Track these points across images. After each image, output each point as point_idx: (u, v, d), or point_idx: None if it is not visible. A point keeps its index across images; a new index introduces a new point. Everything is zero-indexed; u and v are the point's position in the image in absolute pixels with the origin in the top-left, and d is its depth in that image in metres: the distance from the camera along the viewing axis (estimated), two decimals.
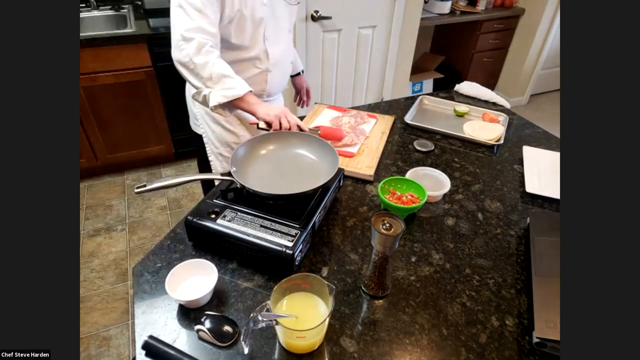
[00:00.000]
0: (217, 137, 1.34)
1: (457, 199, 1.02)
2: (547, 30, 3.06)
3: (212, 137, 1.35)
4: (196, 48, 0.99)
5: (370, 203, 0.99)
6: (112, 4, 2.34)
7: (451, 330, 0.70)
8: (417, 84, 3.16)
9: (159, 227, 2.12)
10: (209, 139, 1.36)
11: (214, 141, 1.35)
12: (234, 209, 0.83)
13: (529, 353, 0.67)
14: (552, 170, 1.11)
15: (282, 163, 0.96)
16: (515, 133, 1.33)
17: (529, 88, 3.43)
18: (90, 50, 1.94)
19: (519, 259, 0.85)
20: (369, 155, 1.14)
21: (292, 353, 0.65)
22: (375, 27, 2.41)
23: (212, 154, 1.38)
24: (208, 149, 1.38)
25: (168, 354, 0.62)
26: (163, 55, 2.10)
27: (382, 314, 0.73)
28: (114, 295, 1.76)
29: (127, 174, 2.50)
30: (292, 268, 0.76)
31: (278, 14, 1.19)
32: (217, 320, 0.67)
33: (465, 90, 1.57)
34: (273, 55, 1.21)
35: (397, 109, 1.45)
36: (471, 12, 2.93)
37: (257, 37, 1.16)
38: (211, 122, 1.32)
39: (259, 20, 1.13)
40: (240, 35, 1.12)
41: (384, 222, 0.67)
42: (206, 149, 1.39)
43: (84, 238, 2.04)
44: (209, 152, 1.39)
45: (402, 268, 0.82)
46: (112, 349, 1.56)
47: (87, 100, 2.09)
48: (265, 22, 1.14)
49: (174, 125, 2.40)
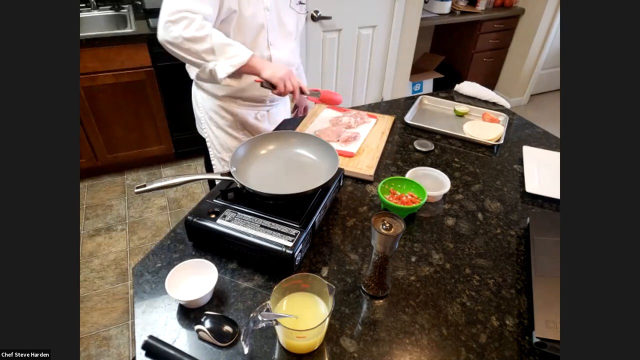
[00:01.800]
0: (219, 142, 1.34)
1: (457, 199, 1.02)
2: (547, 30, 3.06)
3: (214, 141, 1.35)
4: (185, 26, 0.95)
5: (370, 203, 0.99)
6: (112, 4, 2.34)
7: (451, 330, 0.70)
8: (417, 84, 3.16)
9: (159, 227, 2.12)
10: (211, 143, 1.37)
11: (216, 145, 1.35)
12: (234, 209, 0.83)
13: (529, 353, 0.67)
14: (552, 170, 1.11)
15: (282, 163, 0.96)
16: (515, 133, 1.33)
17: (529, 88, 3.43)
18: (90, 50, 1.94)
19: (519, 259, 0.85)
20: (369, 155, 1.14)
21: (292, 353, 0.65)
22: (375, 27, 2.41)
23: (215, 157, 1.39)
24: (211, 153, 1.39)
25: (168, 354, 0.62)
26: (163, 55, 2.10)
27: (382, 314, 0.73)
28: (114, 295, 1.76)
29: (127, 174, 2.50)
30: (292, 268, 0.76)
31: (284, 20, 1.18)
32: (217, 320, 0.67)
33: (465, 90, 1.57)
34: (278, 61, 1.20)
35: (397, 109, 1.45)
36: (471, 12, 2.93)
37: (260, 42, 1.15)
38: (214, 127, 1.32)
39: (260, 26, 1.12)
40: (240, 37, 1.11)
41: (384, 222, 0.67)
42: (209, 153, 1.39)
43: (84, 238, 2.04)
44: (212, 155, 1.39)
45: (402, 268, 0.82)
46: (112, 349, 1.56)
47: (87, 100, 2.09)
48: (267, 27, 1.13)
49: (174, 125, 2.40)
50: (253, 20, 1.10)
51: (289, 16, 1.20)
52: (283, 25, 1.19)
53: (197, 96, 1.34)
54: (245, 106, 1.28)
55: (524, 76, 3.31)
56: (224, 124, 1.30)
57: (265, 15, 1.12)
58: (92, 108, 2.13)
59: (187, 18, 0.95)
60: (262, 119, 1.35)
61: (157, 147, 2.44)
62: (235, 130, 1.31)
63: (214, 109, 1.29)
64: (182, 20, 0.95)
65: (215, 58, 0.99)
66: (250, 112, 1.30)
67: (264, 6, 1.10)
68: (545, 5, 2.90)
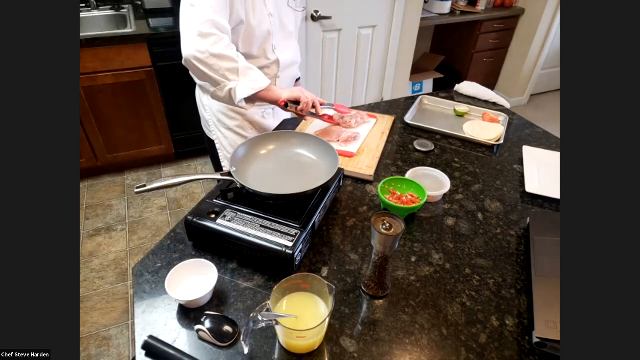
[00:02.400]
0: (229, 143, 1.34)
1: (457, 199, 1.02)
2: (547, 30, 3.06)
3: (224, 142, 1.35)
4: (214, 42, 0.96)
5: (370, 203, 0.99)
6: (112, 4, 2.34)
7: (451, 330, 0.70)
8: (417, 84, 3.16)
9: (159, 227, 2.12)
10: (221, 145, 1.37)
11: (226, 146, 1.36)
12: (234, 209, 0.83)
13: (529, 353, 0.67)
14: (552, 170, 1.11)
15: (282, 163, 0.96)
16: (515, 133, 1.33)
17: (529, 88, 3.43)
18: (90, 50, 1.94)
19: (519, 259, 0.85)
20: (369, 155, 1.14)
21: (292, 353, 0.65)
22: (375, 27, 2.41)
23: (225, 159, 1.39)
24: (221, 154, 1.39)
25: (168, 354, 0.62)
26: (163, 55, 2.11)
27: (382, 314, 0.73)
28: (114, 295, 1.76)
29: (127, 174, 2.50)
30: (292, 268, 0.76)
31: (285, 22, 1.20)
32: (217, 320, 0.67)
33: (465, 90, 1.57)
34: (283, 62, 1.22)
35: (397, 109, 1.45)
36: (471, 12, 2.93)
37: (266, 48, 1.17)
38: (223, 128, 1.33)
39: (266, 33, 1.13)
40: (247, 46, 1.13)
41: (384, 222, 0.67)
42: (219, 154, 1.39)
43: (84, 238, 2.04)
44: (222, 157, 1.40)
45: (402, 268, 0.82)
46: (112, 349, 1.56)
47: (87, 100, 2.09)
48: (272, 33, 1.15)
49: (174, 125, 2.40)
50: (260, 29, 1.11)
51: (288, 17, 1.21)
52: (284, 27, 1.20)
53: (202, 99, 1.35)
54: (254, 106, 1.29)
55: (524, 76, 3.31)
56: (233, 124, 1.31)
57: (270, 22, 1.12)
58: (92, 108, 2.13)
59: (216, 35, 0.97)
60: (267, 117, 1.36)
61: (157, 147, 2.44)
62: (244, 129, 1.32)
63: (222, 111, 1.30)
64: (211, 36, 0.96)
65: (236, 79, 1.00)
66: (258, 111, 1.32)
67: (268, 12, 1.11)
68: (545, 5, 2.90)
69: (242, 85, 1.00)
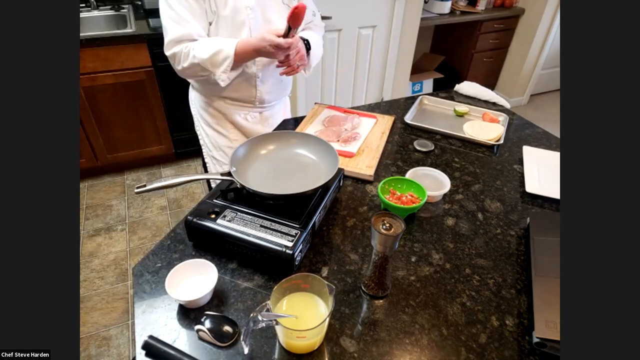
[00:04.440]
0: (210, 140, 1.34)
1: (457, 199, 1.02)
2: (547, 30, 3.06)
3: (206, 139, 1.35)
4: (178, 61, 1.09)
5: (370, 203, 0.99)
6: (112, 4, 2.34)
7: (451, 330, 0.70)
8: (417, 84, 3.16)
9: (159, 227, 2.12)
10: (203, 141, 1.37)
11: (207, 144, 1.35)
12: (234, 209, 0.83)
13: (529, 353, 0.67)
14: (552, 170, 1.11)
15: (282, 163, 0.96)
16: (515, 133, 1.33)
17: (529, 88, 3.43)
18: (90, 50, 1.94)
19: (519, 259, 0.85)
20: (369, 155, 1.14)
21: (292, 353, 0.65)
22: (375, 27, 2.41)
23: (207, 156, 1.38)
24: (204, 151, 1.39)
25: (168, 354, 0.62)
26: (163, 55, 2.06)
27: (382, 314, 0.73)
28: (114, 295, 1.76)
29: (127, 174, 2.50)
30: (292, 268, 0.76)
31: (270, 17, 1.15)
32: (217, 320, 0.67)
33: (465, 90, 1.57)
34: (260, 60, 1.16)
35: (397, 109, 1.45)
36: (471, 12, 2.93)
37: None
38: (204, 124, 1.32)
39: (240, 23, 1.10)
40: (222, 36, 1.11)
41: (384, 222, 0.67)
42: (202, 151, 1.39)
43: (84, 238, 2.04)
44: (205, 154, 1.39)
45: (402, 268, 0.82)
46: (112, 349, 1.56)
47: (87, 100, 2.09)
48: (249, 25, 1.11)
49: (174, 125, 2.40)
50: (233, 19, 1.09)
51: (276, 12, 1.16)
52: (268, 22, 1.15)
53: (191, 95, 1.35)
54: (233, 106, 1.27)
55: (523, 76, 3.31)
56: (213, 122, 1.30)
57: (248, 15, 1.10)
58: (92, 108, 2.13)
59: (177, 53, 1.07)
60: (253, 121, 1.33)
61: (157, 147, 2.44)
62: (224, 128, 1.31)
63: (203, 107, 1.30)
64: (174, 57, 1.09)
65: (212, 69, 1.06)
66: (239, 112, 1.29)
67: (245, 4, 1.09)
68: (545, 5, 2.90)
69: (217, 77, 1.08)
